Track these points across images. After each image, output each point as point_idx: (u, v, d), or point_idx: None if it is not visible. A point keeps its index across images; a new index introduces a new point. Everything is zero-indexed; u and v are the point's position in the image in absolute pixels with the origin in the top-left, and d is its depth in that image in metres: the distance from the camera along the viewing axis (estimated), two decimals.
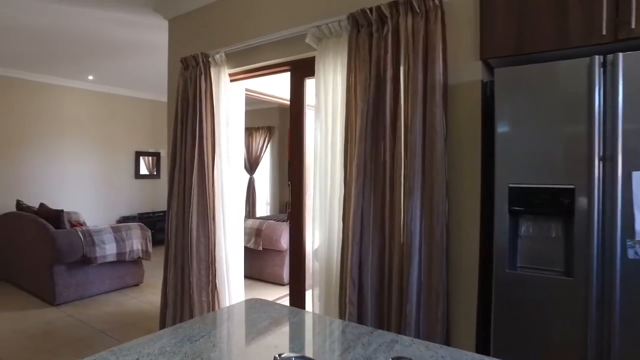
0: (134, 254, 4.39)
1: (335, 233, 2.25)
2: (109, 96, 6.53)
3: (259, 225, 4.92)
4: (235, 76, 2.98)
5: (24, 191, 5.56)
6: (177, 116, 3.03)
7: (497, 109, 1.64)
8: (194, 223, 2.90)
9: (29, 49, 4.57)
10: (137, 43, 4.26)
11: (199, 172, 2.91)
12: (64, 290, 3.94)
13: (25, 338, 3.20)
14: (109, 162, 6.57)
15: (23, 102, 5.60)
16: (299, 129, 2.68)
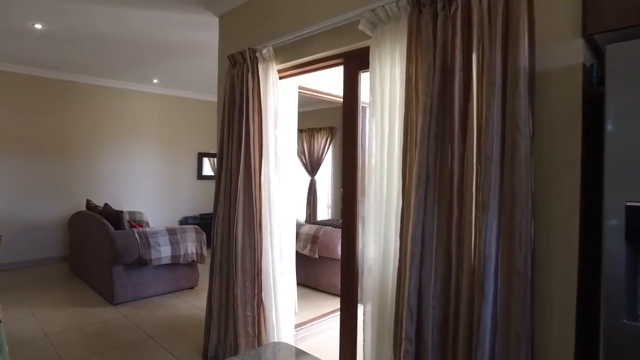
0: (188, 257, 4.36)
1: (391, 249, 1.92)
2: (173, 98, 6.68)
3: (316, 231, 4.68)
4: (284, 72, 2.75)
5: (94, 191, 5.84)
6: (224, 117, 2.87)
7: (609, 101, 1.21)
8: (239, 232, 2.71)
9: (99, 56, 4.74)
10: (195, 44, 4.22)
11: (244, 177, 2.71)
12: (122, 291, 3.99)
13: (81, 336, 3.25)
14: (173, 163, 6.73)
15: (95, 106, 5.88)
16: (353, 130, 2.38)
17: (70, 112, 5.67)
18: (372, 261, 2.04)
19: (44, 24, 3.75)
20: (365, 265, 2.10)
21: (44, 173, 5.47)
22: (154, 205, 6.50)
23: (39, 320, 3.57)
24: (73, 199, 5.57)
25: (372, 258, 2.03)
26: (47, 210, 5.48)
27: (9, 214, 5.20)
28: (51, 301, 4.07)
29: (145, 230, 4.18)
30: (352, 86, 2.34)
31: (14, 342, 3.13)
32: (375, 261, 2.01)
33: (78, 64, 5.11)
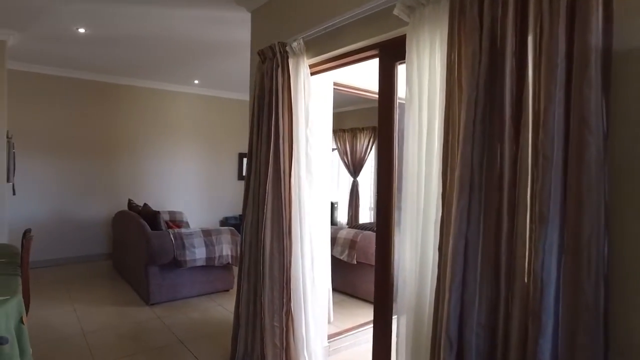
0: (223, 259, 4.29)
1: (429, 263, 1.68)
2: (214, 99, 6.72)
3: (354, 236, 4.46)
4: (316, 67, 2.57)
5: (137, 190, 5.97)
6: (253, 115, 2.74)
7: None
8: (267, 237, 2.56)
9: (140, 59, 4.81)
10: (232, 43, 4.14)
11: (273, 179, 2.56)
12: (157, 291, 3.99)
13: (115, 336, 3.24)
14: (214, 163, 6.77)
15: (139, 107, 6.02)
16: (388, 128, 2.15)
17: (115, 113, 5.83)
18: (407, 273, 1.80)
19: (87, 28, 3.81)
20: (400, 276, 1.86)
21: (91, 173, 5.65)
22: (195, 206, 6.56)
23: (79, 316, 3.63)
24: (117, 198, 5.71)
25: (408, 270, 1.80)
26: (93, 208, 5.67)
27: (58, 211, 5.42)
28: (93, 298, 4.15)
29: (180, 231, 4.16)
30: (388, 79, 2.11)
31: (52, 338, 3.18)
32: (411, 274, 1.78)
33: (121, 66, 5.22)
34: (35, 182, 5.22)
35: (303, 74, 2.50)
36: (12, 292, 1.98)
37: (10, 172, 4.03)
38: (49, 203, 5.36)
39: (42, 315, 3.66)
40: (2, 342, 1.78)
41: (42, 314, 3.72)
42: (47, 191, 5.34)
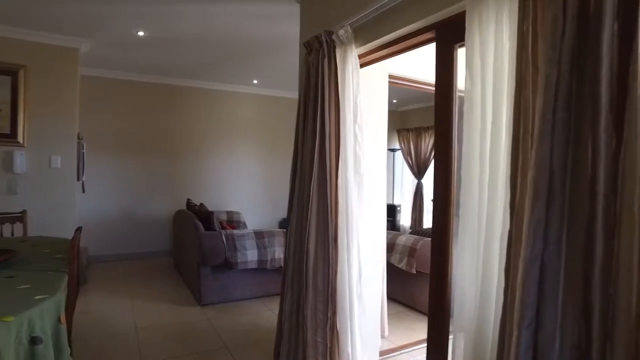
0: (275, 262, 4.17)
1: (492, 285, 1.38)
2: (272, 98, 6.68)
3: (414, 243, 4.12)
4: (366, 57, 2.32)
5: (197, 190, 6.09)
6: (299, 112, 2.55)
7: None
8: (312, 244, 2.35)
9: (199, 60, 4.86)
10: (286, 40, 4.01)
11: (318, 181, 2.34)
12: (208, 292, 3.96)
13: (163, 335, 3.24)
14: (272, 163, 6.74)
15: (199, 108, 6.15)
16: (446, 123, 1.84)
17: (177, 115, 6.00)
18: (465, 292, 1.50)
19: (146, 31, 3.89)
20: (457, 294, 1.56)
21: (155, 172, 5.86)
22: (253, 206, 6.57)
23: (135, 312, 3.70)
24: (179, 197, 5.86)
25: (467, 289, 1.49)
26: (157, 206, 5.87)
27: (124, 208, 5.69)
28: (150, 294, 4.23)
29: (232, 233, 4.10)
30: (446, 66, 1.80)
31: (106, 332, 3.25)
32: (471, 293, 1.48)
33: (181, 68, 5.34)
34: (103, 180, 5.51)
35: (351, 65, 2.26)
36: (53, 291, 1.95)
37: (80, 171, 4.24)
38: (116, 200, 5.64)
39: (101, 309, 3.79)
40: (36, 342, 1.75)
41: (101, 307, 3.85)
42: (114, 189, 5.62)
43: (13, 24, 3.75)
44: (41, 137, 3.98)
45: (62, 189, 4.08)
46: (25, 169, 3.92)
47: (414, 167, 7.82)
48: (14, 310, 1.70)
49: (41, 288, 1.99)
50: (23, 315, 1.69)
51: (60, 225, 4.02)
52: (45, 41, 3.97)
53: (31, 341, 1.72)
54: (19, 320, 1.67)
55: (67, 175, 4.10)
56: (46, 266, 2.39)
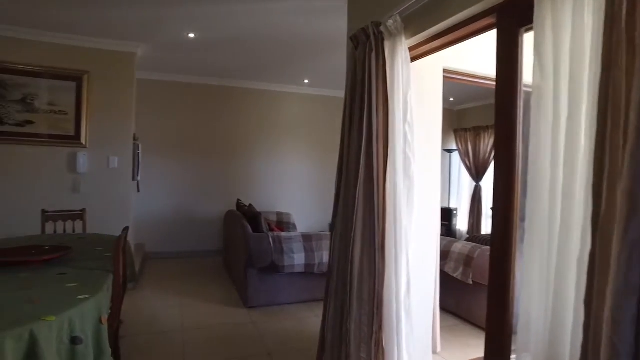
0: (323, 267, 4.04)
1: (567, 315, 1.15)
2: (324, 98, 6.58)
3: (470, 251, 3.81)
4: (417, 49, 2.12)
5: (248, 190, 6.14)
6: (345, 111, 2.40)
7: None
8: (357, 252, 2.19)
9: (249, 60, 4.87)
10: (337, 38, 3.88)
11: (365, 185, 2.18)
12: (255, 295, 3.92)
13: (208, 336, 3.23)
14: (324, 164, 6.64)
15: (251, 109, 6.19)
16: (508, 119, 1.60)
17: (229, 115, 6.09)
18: (532, 313, 1.28)
19: (197, 33, 3.93)
20: (522, 313, 1.34)
21: (207, 172, 5.98)
22: (303, 207, 6.51)
23: (183, 311, 3.74)
24: (230, 197, 5.93)
25: (533, 311, 1.27)
26: (209, 206, 5.99)
27: (177, 207, 5.86)
28: (199, 293, 4.28)
29: (279, 235, 4.03)
30: (509, 54, 1.56)
31: (154, 330, 3.30)
32: (538, 316, 1.26)
33: (232, 69, 5.39)
34: (157, 180, 5.71)
35: (401, 59, 2.07)
36: (95, 292, 1.96)
37: (136, 171, 4.39)
38: (169, 200, 5.82)
39: (152, 306, 3.88)
40: (76, 342, 1.75)
41: (152, 304, 3.94)
42: (168, 189, 5.81)
43: (78, 32, 3.95)
44: (101, 138, 4.16)
45: (119, 189, 4.24)
46: (87, 169, 4.12)
47: (472, 169, 7.37)
48: (57, 310, 1.71)
49: (86, 287, 2.02)
50: (64, 316, 1.70)
51: (117, 223, 4.14)
52: (106, 47, 4.15)
53: (72, 341, 1.73)
54: (60, 320, 1.67)
55: (123, 175, 4.26)
56: (95, 264, 2.44)
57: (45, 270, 2.27)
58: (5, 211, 3.90)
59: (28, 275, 2.17)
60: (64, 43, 4.03)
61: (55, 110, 4.04)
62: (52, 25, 3.80)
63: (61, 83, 4.04)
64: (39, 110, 4.00)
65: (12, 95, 3.93)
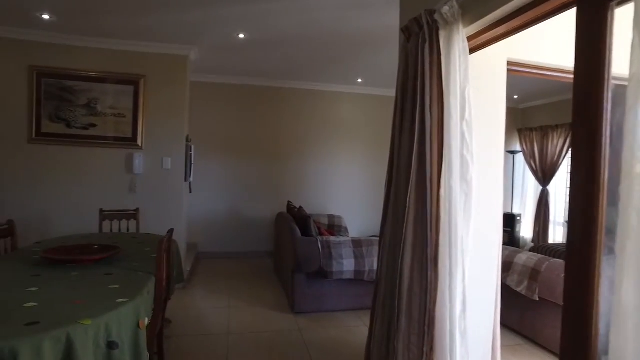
0: (373, 274, 3.85)
1: None
2: (378, 98, 6.36)
3: (537, 264, 3.43)
4: (477, 39, 1.88)
5: (298, 192, 6.08)
6: (396, 109, 2.20)
7: None
8: (406, 265, 1.99)
9: (301, 60, 4.79)
10: (394, 35, 3.68)
11: (417, 191, 1.98)
12: (302, 300, 3.81)
13: (253, 342, 3.17)
14: (377, 166, 6.41)
15: (302, 110, 6.12)
16: (590, 117, 1.33)
17: (280, 116, 6.06)
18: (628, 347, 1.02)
19: (246, 33, 3.91)
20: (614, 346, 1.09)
21: (259, 173, 6.00)
22: (355, 210, 6.34)
23: (230, 314, 3.73)
24: (281, 199, 5.90)
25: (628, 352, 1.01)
26: (260, 207, 5.99)
27: (229, 208, 5.92)
28: (247, 296, 4.26)
29: (328, 240, 3.89)
30: (594, 37, 1.30)
31: (200, 332, 3.30)
32: None
33: (283, 70, 5.34)
34: (209, 181, 5.81)
35: (458, 50, 1.85)
36: (134, 295, 1.94)
37: (188, 172, 4.46)
38: (221, 201, 5.90)
39: (200, 306, 3.90)
40: (112, 347, 1.72)
41: (201, 305, 3.97)
42: (220, 190, 5.89)
43: (136, 38, 4.09)
44: (155, 140, 4.28)
45: (172, 189, 4.33)
46: (142, 170, 4.24)
47: (538, 172, 6.79)
48: (95, 313, 1.69)
49: (126, 290, 2.00)
50: (100, 319, 1.67)
51: (170, 223, 4.25)
52: (160, 51, 4.26)
53: (108, 345, 1.70)
54: (96, 324, 1.65)
55: (176, 176, 4.34)
56: (141, 265, 2.44)
57: (94, 269, 2.31)
58: (68, 209, 4.12)
59: (78, 274, 2.21)
60: (123, 49, 4.19)
61: (115, 113, 4.21)
62: (113, 32, 3.96)
63: (121, 87, 4.21)
64: (101, 114, 4.18)
65: (78, 100, 4.15)
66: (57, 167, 4.10)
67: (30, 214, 4.04)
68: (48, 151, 4.09)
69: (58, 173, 4.11)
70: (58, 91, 4.11)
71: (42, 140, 4.09)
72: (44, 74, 4.09)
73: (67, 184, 4.12)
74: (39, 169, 4.07)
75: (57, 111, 4.11)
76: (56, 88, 4.11)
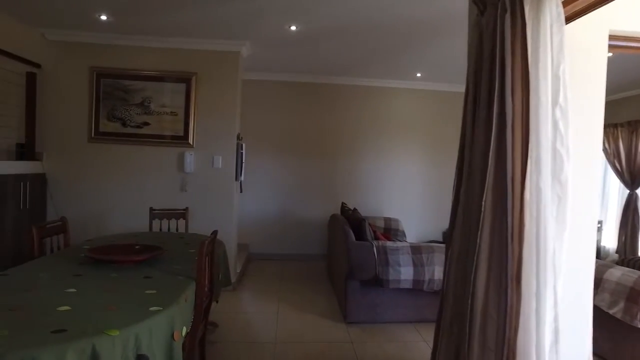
0: (433, 284, 3.49)
1: None
2: (439, 94, 5.91)
3: (636, 282, 2.89)
4: (573, 3, 1.50)
5: (353, 193, 5.81)
6: (467, 98, 1.87)
7: None
8: (481, 282, 1.65)
9: (355, 53, 4.52)
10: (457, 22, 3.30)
11: (494, 193, 1.63)
12: (355, 309, 3.54)
13: (301, 354, 2.97)
14: (437, 166, 5.98)
15: (356, 107, 5.84)
16: None
17: (333, 114, 5.81)
18: None
19: (298, 25, 3.70)
20: None
21: (312, 172, 5.79)
22: (413, 213, 5.94)
23: (278, 320, 3.54)
24: (335, 200, 5.66)
25: None
26: (313, 208, 5.79)
27: (281, 208, 5.77)
28: (297, 301, 4.06)
29: (385, 245, 3.58)
30: None
31: (246, 340, 3.15)
32: None
33: (335, 65, 5.08)
34: (260, 180, 5.70)
35: (550, 17, 1.48)
36: (169, 303, 1.78)
37: (239, 171, 4.35)
38: (273, 200, 5.76)
39: (248, 311, 3.76)
40: None
41: (249, 309, 3.83)
42: (271, 189, 5.76)
43: (187, 35, 4.04)
44: (206, 138, 4.21)
45: (222, 189, 4.24)
46: (193, 168, 4.19)
47: (624, 173, 5.96)
48: (125, 322, 1.54)
49: (163, 296, 1.84)
50: (129, 330, 1.51)
51: (220, 223, 4.17)
52: (212, 48, 4.18)
53: (137, 358, 1.54)
54: (124, 335, 1.49)
55: (226, 175, 4.24)
56: (182, 269, 2.30)
57: (134, 271, 2.20)
58: (123, 207, 4.16)
59: (117, 276, 2.10)
60: (175, 47, 4.17)
61: (168, 111, 4.19)
62: (165, 30, 3.94)
63: (173, 85, 4.18)
64: (154, 112, 4.19)
65: (133, 99, 4.18)
66: (113, 166, 4.16)
67: (87, 211, 4.13)
68: (105, 150, 4.16)
69: (114, 171, 4.16)
70: (115, 91, 4.17)
71: (101, 139, 4.17)
72: (103, 75, 4.16)
73: (122, 182, 4.16)
74: (97, 167, 4.15)
75: (114, 110, 4.17)
76: (113, 88, 4.16)
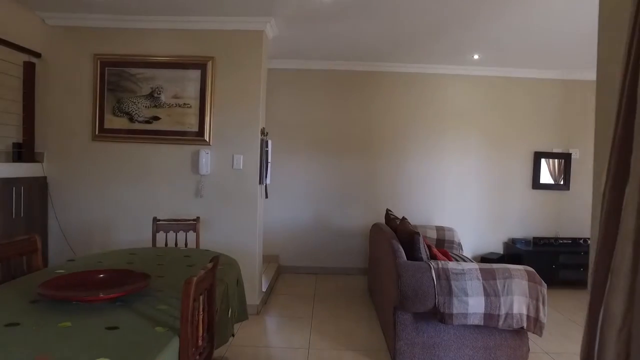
0: (512, 319, 2.63)
1: None
2: (498, 80, 4.98)
3: None
4: None
5: (398, 197, 4.99)
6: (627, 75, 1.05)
7: None
8: None
9: (396, 33, 3.72)
10: None
11: None
12: (407, 349, 2.74)
13: None
14: (496, 166, 5.04)
15: (400, 98, 5.00)
16: None
17: (374, 106, 4.99)
18: None
19: None
20: None
21: (350, 175, 5.01)
22: (469, 221, 5.02)
23: (309, 358, 2.81)
24: (377, 206, 4.87)
25: None
26: (351, 216, 5.01)
27: (313, 216, 5.02)
28: (333, 330, 3.32)
29: (446, 267, 2.76)
30: None
31: None
32: None
33: (374, 46, 4.25)
34: (289, 183, 4.99)
35: None
36: None
37: (264, 173, 3.66)
38: (305, 207, 5.02)
39: (272, 342, 3.09)
40: None
41: (273, 339, 3.15)
42: (302, 194, 5.02)
43: (201, 13, 3.42)
44: (225, 134, 3.56)
45: (244, 194, 3.55)
46: (210, 169, 3.55)
47: None
48: None
49: None
50: None
51: (241, 234, 3.53)
52: (231, 27, 3.53)
53: None
54: None
55: (249, 177, 3.56)
56: (169, 310, 1.61)
57: (100, 314, 1.52)
58: (129, 215, 3.58)
59: (71, 326, 1.43)
60: (188, 28, 3.55)
61: (180, 103, 3.58)
62: (176, 9, 3.34)
63: (186, 72, 3.57)
64: (164, 105, 3.59)
65: (141, 89, 3.61)
66: (119, 168, 3.59)
67: (90, 219, 3.58)
68: (110, 149, 3.60)
69: (120, 174, 3.59)
70: (121, 81, 3.60)
71: (106, 137, 3.61)
72: (108, 63, 3.61)
73: (129, 187, 3.58)
74: (101, 170, 3.60)
75: (120, 104, 3.60)
76: (119, 77, 3.60)
